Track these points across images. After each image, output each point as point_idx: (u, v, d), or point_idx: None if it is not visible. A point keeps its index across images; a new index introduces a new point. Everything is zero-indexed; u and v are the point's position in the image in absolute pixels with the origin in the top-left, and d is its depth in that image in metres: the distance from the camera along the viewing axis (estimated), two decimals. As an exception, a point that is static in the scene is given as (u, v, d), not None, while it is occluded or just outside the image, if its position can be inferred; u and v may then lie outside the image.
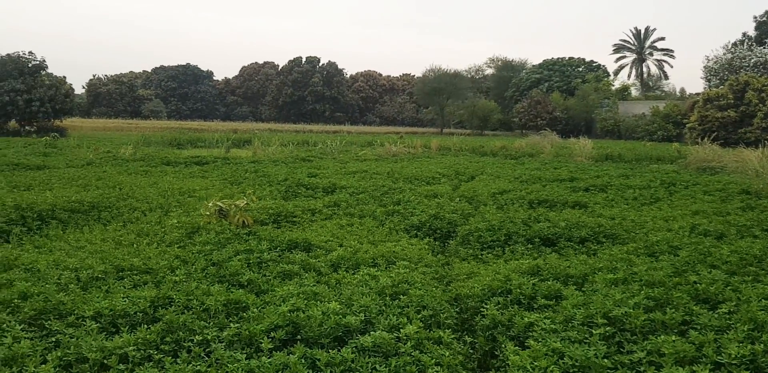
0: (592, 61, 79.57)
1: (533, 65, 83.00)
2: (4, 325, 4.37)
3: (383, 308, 4.93)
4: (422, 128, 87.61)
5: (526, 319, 4.71)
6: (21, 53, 45.20)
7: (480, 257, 7.53)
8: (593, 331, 4.32)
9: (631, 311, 4.60)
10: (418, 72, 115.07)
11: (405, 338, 4.28)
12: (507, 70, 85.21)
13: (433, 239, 8.72)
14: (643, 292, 5.11)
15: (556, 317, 4.72)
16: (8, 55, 44.69)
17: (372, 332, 4.30)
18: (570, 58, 79.87)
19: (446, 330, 4.53)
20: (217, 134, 39.52)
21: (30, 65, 45.07)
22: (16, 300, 4.89)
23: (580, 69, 77.77)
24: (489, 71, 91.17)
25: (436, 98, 79.00)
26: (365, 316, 4.66)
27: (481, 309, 5.18)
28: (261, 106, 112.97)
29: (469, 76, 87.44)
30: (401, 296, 5.22)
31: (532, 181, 15.46)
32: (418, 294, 5.20)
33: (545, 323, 4.57)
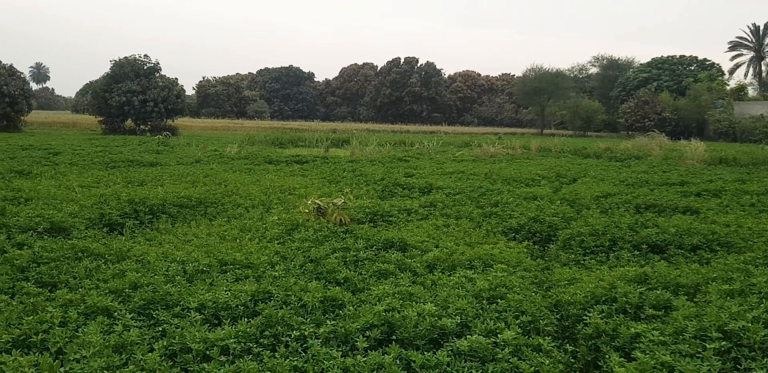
0: (705, 60, 75.31)
1: (641, 64, 79.58)
2: (116, 313, 4.61)
3: (480, 311, 4.81)
4: (521, 129, 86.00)
5: (632, 329, 4.46)
6: (137, 56, 48.08)
7: (582, 262, 7.24)
8: (707, 345, 4.03)
9: (749, 325, 4.25)
10: (517, 71, 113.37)
11: (503, 343, 4.15)
12: (612, 68, 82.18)
13: (532, 242, 8.48)
14: (762, 305, 4.71)
15: (665, 329, 4.44)
16: (125, 58, 47.64)
17: (468, 336, 4.20)
18: (681, 56, 75.98)
19: (546, 337, 4.36)
20: (317, 134, 40.45)
21: (145, 68, 47.85)
22: (127, 290, 5.16)
23: (692, 68, 73.81)
24: (593, 70, 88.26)
25: (536, 98, 77.37)
26: (461, 319, 4.57)
27: (584, 317, 4.95)
28: (359, 107, 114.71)
29: (571, 75, 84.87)
30: (499, 300, 5.09)
31: (638, 184, 14.76)
32: (516, 299, 5.05)
33: (653, 335, 4.31)
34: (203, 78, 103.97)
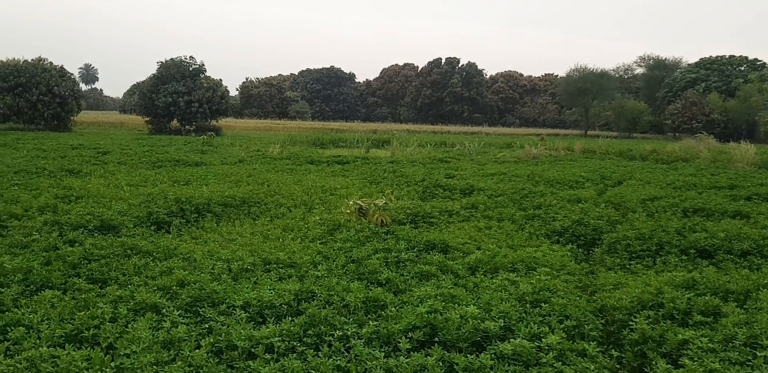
0: (755, 60, 73.13)
1: (688, 64, 77.68)
2: (164, 310, 4.72)
3: (523, 315, 4.77)
4: (564, 130, 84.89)
5: (679, 336, 4.37)
6: (183, 58, 49.01)
7: (628, 267, 7.11)
8: (757, 353, 3.94)
9: (804, 334, 4.12)
10: (561, 72, 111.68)
11: (547, 347, 4.11)
12: (659, 69, 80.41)
13: (577, 245, 8.36)
14: (818, 313, 4.56)
15: (714, 336, 4.33)
16: (171, 59, 48.62)
17: (512, 340, 4.17)
18: (731, 57, 73.92)
19: (591, 342, 4.30)
20: (358, 135, 40.66)
21: (191, 69, 48.76)
22: (174, 287, 5.27)
23: (742, 68, 71.75)
24: (639, 70, 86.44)
25: (580, 99, 76.30)
26: (504, 322, 4.54)
27: (630, 322, 4.87)
28: (400, 108, 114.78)
29: (617, 75, 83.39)
30: (542, 304, 5.04)
31: (686, 187, 14.40)
32: (560, 303, 4.99)
33: (702, 342, 4.21)
34: (246, 79, 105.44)
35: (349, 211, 9.08)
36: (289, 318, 4.56)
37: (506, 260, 6.61)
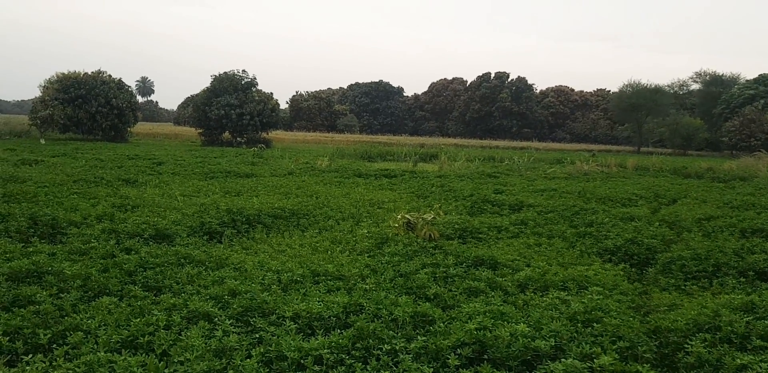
0: (818, 76, 70.43)
1: (747, 80, 75.27)
2: (216, 319, 4.80)
3: (575, 334, 4.68)
4: (616, 146, 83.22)
5: (738, 360, 4.22)
6: (236, 71, 50.06)
7: (683, 287, 6.91)
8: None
9: None
10: (613, 87, 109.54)
11: (599, 368, 4.03)
12: (716, 85, 78.20)
13: (629, 265, 8.16)
14: None
15: (775, 362, 4.16)
16: (225, 73, 49.67)
17: (563, 359, 4.10)
18: (792, 73, 71.37)
19: (645, 365, 4.19)
20: (405, 148, 40.73)
21: (243, 82, 49.72)
22: (226, 296, 5.36)
23: (804, 84, 69.15)
24: (694, 86, 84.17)
25: (633, 115, 74.81)
26: (555, 341, 4.46)
27: (685, 345, 4.73)
28: (448, 122, 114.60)
29: (671, 91, 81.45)
30: (594, 324, 4.93)
31: (744, 207, 13.92)
32: (613, 323, 4.88)
33: (761, 367, 4.07)
34: (296, 92, 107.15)
35: (397, 225, 9.09)
36: (338, 331, 4.58)
37: (557, 278, 6.51)
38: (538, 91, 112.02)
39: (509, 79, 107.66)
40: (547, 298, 5.72)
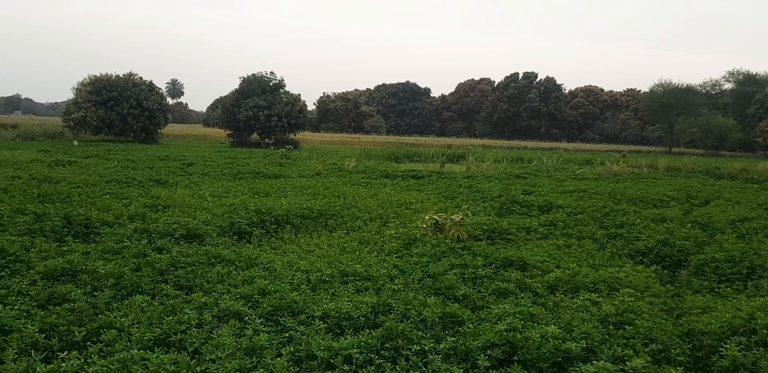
0: None
1: (782, 79, 73.71)
2: (247, 318, 4.84)
3: (606, 336, 4.63)
4: (647, 147, 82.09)
5: (775, 365, 4.12)
6: (264, 73, 50.47)
7: (717, 290, 6.78)
8: None
9: None
10: (644, 87, 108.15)
11: (631, 371, 3.98)
12: (749, 84, 76.65)
13: (661, 267, 8.04)
14: None
15: (815, 367, 4.06)
16: (253, 75, 50.12)
17: (594, 362, 4.05)
18: (830, 71, 69.63)
19: (678, 368, 4.12)
20: (432, 149, 40.64)
21: (271, 84, 50.09)
22: (256, 296, 5.41)
23: (842, 83, 67.44)
24: (727, 86, 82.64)
25: (664, 115, 73.68)
26: (587, 343, 4.41)
27: (719, 348, 4.64)
28: (475, 122, 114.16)
29: (703, 91, 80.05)
30: (626, 326, 4.87)
31: (780, 208, 13.62)
32: (645, 325, 4.81)
33: (800, 373, 3.96)
34: (323, 94, 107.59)
35: (425, 225, 9.08)
36: (367, 330, 4.59)
37: (587, 280, 6.44)
38: (567, 92, 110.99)
39: (537, 80, 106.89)
40: (578, 299, 5.66)
